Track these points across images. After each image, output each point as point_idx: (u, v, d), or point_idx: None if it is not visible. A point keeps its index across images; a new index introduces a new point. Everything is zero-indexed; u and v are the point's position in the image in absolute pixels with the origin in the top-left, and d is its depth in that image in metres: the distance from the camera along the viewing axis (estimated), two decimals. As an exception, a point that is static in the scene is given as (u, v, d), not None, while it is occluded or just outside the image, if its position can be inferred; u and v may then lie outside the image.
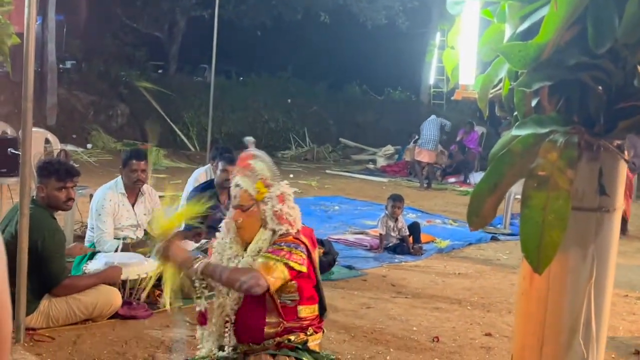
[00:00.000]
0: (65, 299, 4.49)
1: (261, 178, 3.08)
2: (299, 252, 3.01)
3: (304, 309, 3.10)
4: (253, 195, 3.06)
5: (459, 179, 15.17)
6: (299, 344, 3.08)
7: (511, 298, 6.13)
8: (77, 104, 15.67)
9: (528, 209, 1.43)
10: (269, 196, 3.07)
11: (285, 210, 3.07)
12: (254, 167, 3.09)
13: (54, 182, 4.44)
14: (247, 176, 3.09)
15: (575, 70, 1.48)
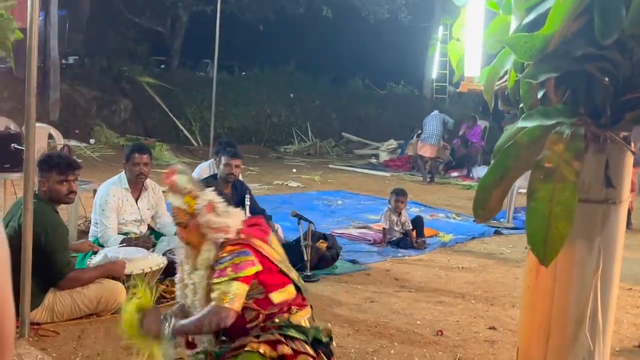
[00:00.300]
0: (70, 293, 4.50)
1: (188, 192, 3.09)
2: (243, 258, 3.04)
3: (276, 295, 3.14)
4: (186, 210, 3.10)
5: (461, 173, 15.16)
6: (283, 322, 3.12)
7: (515, 292, 6.12)
8: (79, 100, 15.66)
9: (534, 202, 1.43)
10: (198, 208, 3.08)
11: (213, 220, 3.08)
12: (178, 183, 3.09)
13: (55, 175, 4.45)
14: (176, 193, 3.12)
15: (581, 62, 1.47)
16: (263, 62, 21.25)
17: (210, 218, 3.07)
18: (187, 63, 21.14)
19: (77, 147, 12.93)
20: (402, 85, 23.70)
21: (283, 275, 3.23)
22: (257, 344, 3.01)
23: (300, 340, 3.09)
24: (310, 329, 3.19)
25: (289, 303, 3.19)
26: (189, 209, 3.09)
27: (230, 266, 3.01)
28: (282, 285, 3.20)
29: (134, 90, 16.76)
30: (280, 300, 3.15)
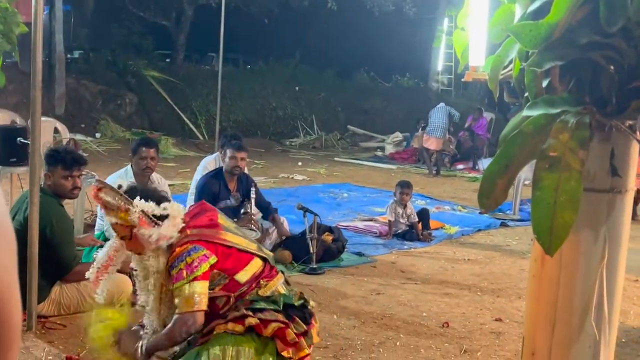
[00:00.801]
0: (76, 286, 4.51)
1: (118, 207, 2.96)
2: (195, 255, 2.98)
3: (242, 275, 3.11)
4: (123, 224, 3.00)
5: (467, 165, 15.14)
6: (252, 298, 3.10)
7: (521, 283, 6.12)
8: (85, 94, 15.68)
9: (539, 191, 1.42)
10: (132, 220, 2.97)
11: (148, 232, 2.97)
12: (106, 200, 2.96)
13: (60, 170, 4.45)
14: (108, 210, 3.00)
15: (587, 50, 1.46)
16: (268, 55, 21.22)
17: (145, 231, 2.96)
18: (192, 57, 21.13)
19: (82, 141, 12.95)
20: (408, 78, 23.64)
21: (244, 253, 3.17)
22: (223, 324, 3.01)
23: (270, 309, 3.06)
24: (280, 296, 3.15)
25: (257, 277, 3.15)
26: (126, 223, 2.98)
27: (184, 268, 2.95)
28: (246, 263, 3.15)
29: (139, 84, 16.77)
30: (248, 278, 3.12)
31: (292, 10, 20.73)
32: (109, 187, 2.99)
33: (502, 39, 1.75)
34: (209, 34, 16.99)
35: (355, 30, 23.34)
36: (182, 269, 2.95)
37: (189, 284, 2.93)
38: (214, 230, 3.13)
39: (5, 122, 7.66)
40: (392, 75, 23.67)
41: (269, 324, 3.01)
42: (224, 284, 3.07)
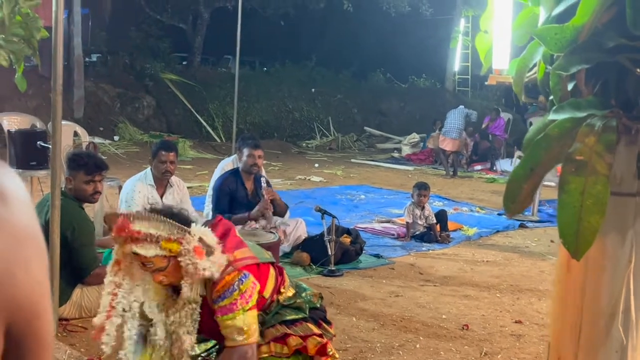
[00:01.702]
0: (97, 288, 4.53)
1: (163, 238, 2.66)
2: (247, 283, 2.80)
3: (267, 290, 3.02)
4: (165, 254, 2.68)
5: (485, 166, 15.07)
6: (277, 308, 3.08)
7: (541, 285, 6.09)
8: (103, 97, 15.79)
9: (566, 194, 1.41)
10: (183, 250, 2.67)
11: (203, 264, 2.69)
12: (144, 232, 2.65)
13: (82, 175, 4.49)
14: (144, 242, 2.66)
15: (613, 53, 1.45)
16: (284, 58, 21.25)
17: (201, 262, 2.67)
18: (209, 59, 21.19)
19: (101, 144, 13.04)
20: (424, 79, 23.58)
21: (263, 265, 3.02)
22: (266, 346, 2.94)
23: (299, 319, 3.02)
24: (303, 303, 3.12)
25: (276, 286, 3.11)
26: (169, 254, 2.68)
27: (239, 298, 2.74)
28: (267, 276, 3.03)
29: (156, 87, 16.86)
30: (270, 291, 3.07)
31: (308, 13, 20.75)
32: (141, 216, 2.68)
33: (525, 42, 1.75)
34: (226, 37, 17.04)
35: (372, 32, 23.32)
36: (237, 299, 2.74)
37: (244, 314, 2.74)
38: (245, 250, 2.95)
39: (26, 126, 7.74)
40: (409, 76, 23.61)
41: (307, 339, 2.99)
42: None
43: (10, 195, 0.81)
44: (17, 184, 0.84)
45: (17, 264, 0.80)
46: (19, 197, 0.83)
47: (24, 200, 0.84)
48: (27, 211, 0.83)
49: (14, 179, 0.84)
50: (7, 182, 0.82)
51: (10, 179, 0.83)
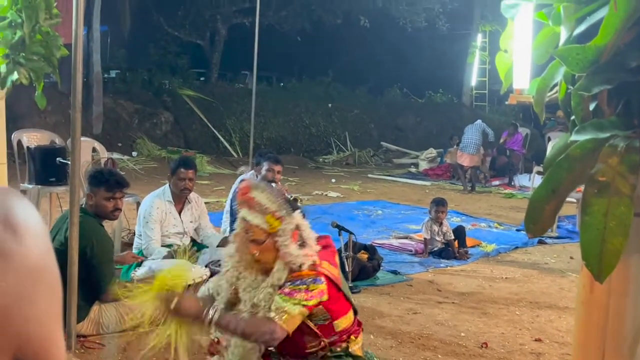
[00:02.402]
0: (115, 305, 4.54)
1: (270, 212, 2.87)
2: (317, 286, 2.89)
3: (340, 322, 3.04)
4: (265, 229, 2.87)
5: (503, 181, 14.98)
6: (341, 352, 3.06)
7: (560, 302, 6.02)
8: (122, 113, 15.92)
9: (589, 216, 1.39)
10: (282, 229, 2.88)
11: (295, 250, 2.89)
12: (258, 201, 2.88)
13: (103, 191, 4.52)
14: (254, 209, 2.89)
15: (636, 73, 1.43)
16: (301, 73, 21.35)
17: (292, 247, 2.88)
18: (226, 75, 21.33)
19: (120, 160, 13.12)
20: (441, 94, 23.55)
21: (346, 301, 3.10)
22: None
23: None
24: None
25: (349, 331, 3.11)
26: (269, 229, 2.87)
27: (303, 291, 2.84)
28: (345, 312, 3.08)
29: (174, 103, 16.98)
30: (342, 328, 3.06)
31: (325, 28, 20.83)
32: (263, 189, 2.93)
33: (545, 61, 1.73)
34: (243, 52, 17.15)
35: (388, 47, 23.36)
36: (301, 291, 2.84)
37: (295, 305, 2.81)
38: (336, 270, 3.06)
39: (45, 142, 7.80)
40: (425, 91, 23.60)
41: None
42: (322, 325, 2.99)
43: (22, 227, 0.80)
44: (30, 214, 0.83)
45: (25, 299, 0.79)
46: (31, 229, 0.82)
47: (37, 231, 0.82)
48: (39, 244, 0.82)
49: (28, 208, 0.83)
50: (20, 213, 0.81)
51: (24, 209, 0.82)
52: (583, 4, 1.44)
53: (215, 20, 19.02)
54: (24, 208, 0.83)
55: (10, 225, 0.79)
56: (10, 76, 3.80)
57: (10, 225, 0.79)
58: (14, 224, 0.80)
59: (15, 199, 0.83)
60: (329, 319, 2.98)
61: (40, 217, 0.85)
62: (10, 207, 0.81)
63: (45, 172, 7.25)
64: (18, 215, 0.81)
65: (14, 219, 0.80)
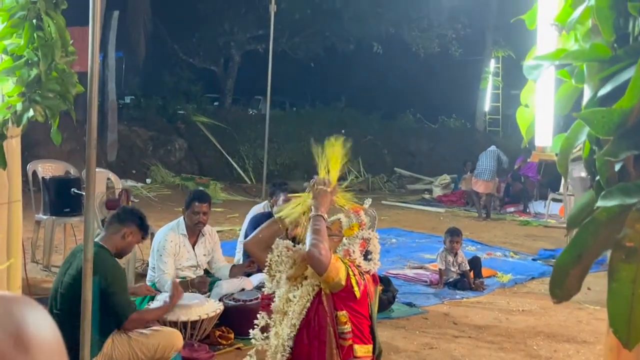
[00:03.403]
0: (128, 340, 4.51)
1: (361, 222, 3.27)
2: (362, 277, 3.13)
3: (359, 348, 3.10)
4: (343, 229, 3.26)
5: (518, 208, 14.85)
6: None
7: (578, 336, 5.94)
8: (136, 140, 16.00)
9: (616, 282, 1.35)
10: (356, 235, 3.23)
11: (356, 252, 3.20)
12: (360, 214, 3.29)
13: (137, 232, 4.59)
14: (350, 216, 3.30)
15: (664, 138, 1.40)
16: (314, 99, 21.42)
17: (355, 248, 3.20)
18: (240, 101, 21.44)
19: (134, 187, 13.15)
20: (454, 119, 23.51)
21: (370, 333, 3.22)
22: None
23: None
24: None
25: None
26: (347, 232, 3.24)
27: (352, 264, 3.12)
28: (367, 341, 3.18)
29: (188, 130, 17.04)
30: (361, 356, 3.11)
31: (338, 54, 20.94)
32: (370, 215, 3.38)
33: (568, 111, 1.71)
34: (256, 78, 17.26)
35: (401, 73, 23.40)
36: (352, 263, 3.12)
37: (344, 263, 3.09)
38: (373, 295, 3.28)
39: (59, 172, 7.85)
40: (439, 117, 23.58)
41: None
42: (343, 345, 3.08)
43: (33, 344, 0.77)
44: (44, 328, 0.80)
45: None
46: (44, 346, 0.78)
47: (50, 348, 0.79)
48: (51, 358, 0.79)
49: (42, 320, 0.80)
50: (31, 327, 0.78)
51: (37, 321, 0.79)
52: (607, 64, 1.42)
53: (229, 47, 19.16)
54: (37, 320, 0.79)
55: (21, 342, 0.76)
56: (26, 114, 3.79)
57: (22, 342, 0.76)
58: (26, 340, 0.76)
59: (28, 310, 0.80)
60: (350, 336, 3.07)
61: (55, 328, 0.82)
62: (22, 320, 0.78)
63: (59, 202, 7.28)
64: (30, 331, 0.77)
65: (26, 335, 0.77)
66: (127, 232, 4.55)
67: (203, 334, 5.13)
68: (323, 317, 3.05)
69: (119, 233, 4.55)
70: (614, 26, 1.41)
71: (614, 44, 1.44)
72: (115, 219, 4.65)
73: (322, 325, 3.03)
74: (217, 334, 5.22)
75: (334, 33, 19.58)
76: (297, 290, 3.14)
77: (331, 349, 3.01)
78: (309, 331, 3.06)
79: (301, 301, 3.09)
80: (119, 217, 4.65)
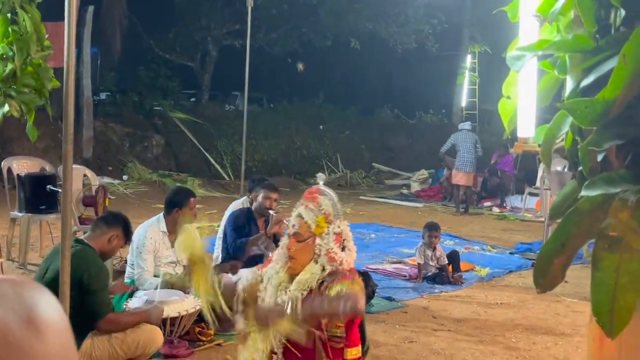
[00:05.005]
0: (108, 338, 4.47)
1: (324, 213, 3.05)
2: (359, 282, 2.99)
3: (350, 352, 3.03)
4: (312, 228, 3.03)
5: (494, 202, 14.95)
6: None
7: (556, 329, 5.99)
8: (112, 136, 15.85)
9: (599, 272, 1.36)
10: (327, 232, 3.03)
11: (337, 252, 3.01)
12: (319, 202, 3.07)
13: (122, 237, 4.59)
14: (311, 209, 3.07)
15: (647, 127, 1.41)
16: (292, 95, 21.37)
17: (335, 248, 3.02)
18: (217, 96, 21.31)
19: (110, 184, 13.05)
20: (431, 114, 23.59)
21: (358, 333, 3.13)
22: None
23: None
24: None
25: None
26: (316, 229, 3.03)
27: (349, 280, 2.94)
28: (357, 342, 3.10)
29: (165, 126, 16.91)
30: (350, 358, 3.04)
31: (315, 50, 20.89)
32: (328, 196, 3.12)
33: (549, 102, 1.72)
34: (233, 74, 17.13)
35: (378, 68, 23.44)
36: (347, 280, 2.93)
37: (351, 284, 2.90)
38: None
39: (35, 169, 7.76)
40: (416, 112, 23.65)
41: None
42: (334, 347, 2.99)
43: (44, 326, 0.79)
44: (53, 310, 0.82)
45: None
46: (53, 327, 0.80)
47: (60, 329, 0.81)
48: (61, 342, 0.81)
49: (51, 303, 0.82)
50: (42, 310, 0.80)
51: (46, 304, 0.81)
52: (589, 55, 1.42)
53: (206, 43, 19.03)
54: (47, 303, 0.81)
55: (33, 324, 0.78)
56: (0, 109, 3.75)
57: (34, 324, 0.78)
58: (38, 322, 0.78)
59: (37, 293, 0.82)
60: (342, 339, 2.99)
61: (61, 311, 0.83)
62: (33, 303, 0.80)
63: (35, 199, 7.20)
64: (40, 311, 0.79)
65: (37, 316, 0.79)
66: (113, 235, 4.53)
67: (183, 330, 5.10)
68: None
69: (105, 236, 4.51)
70: (595, 17, 1.42)
71: (596, 34, 1.45)
72: (103, 222, 4.62)
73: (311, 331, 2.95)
74: (197, 330, 5.19)
75: (311, 29, 19.52)
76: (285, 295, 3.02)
77: (320, 353, 2.97)
78: None
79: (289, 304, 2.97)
80: (107, 221, 4.62)
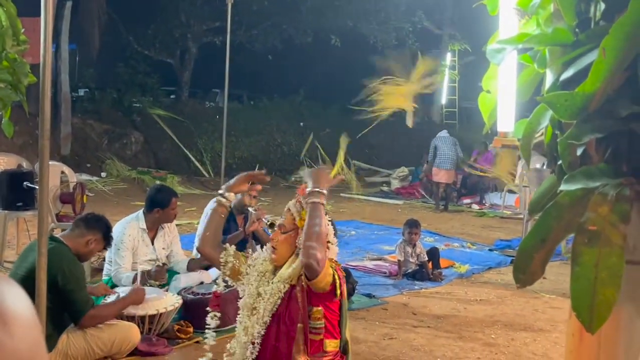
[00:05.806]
0: (84, 336, 4.43)
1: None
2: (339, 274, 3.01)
3: (329, 343, 3.04)
4: (296, 221, 3.09)
5: (474, 199, 15.04)
6: None
7: (535, 324, 6.03)
8: (91, 133, 15.70)
9: (579, 267, 1.36)
10: None
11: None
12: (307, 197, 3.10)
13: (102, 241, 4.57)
14: (299, 203, 3.14)
15: (627, 121, 1.40)
16: (272, 92, 21.28)
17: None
18: (197, 93, 21.19)
19: (88, 181, 12.93)
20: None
21: (339, 327, 3.13)
22: None
23: None
24: None
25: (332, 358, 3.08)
26: (299, 222, 3.08)
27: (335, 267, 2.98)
28: (336, 336, 3.10)
29: (144, 123, 16.79)
30: (329, 350, 3.05)
31: (295, 47, 20.84)
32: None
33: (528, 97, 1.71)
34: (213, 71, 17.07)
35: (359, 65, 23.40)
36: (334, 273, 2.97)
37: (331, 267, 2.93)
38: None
39: (12, 166, 7.66)
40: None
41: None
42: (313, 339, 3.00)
43: (11, 318, 0.77)
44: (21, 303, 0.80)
45: None
46: (21, 320, 0.79)
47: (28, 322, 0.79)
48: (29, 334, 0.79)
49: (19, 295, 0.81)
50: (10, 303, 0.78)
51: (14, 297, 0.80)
52: (569, 48, 1.42)
53: (186, 39, 18.91)
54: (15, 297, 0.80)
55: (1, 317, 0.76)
56: (-24, 104, 3.68)
57: (2, 317, 0.76)
58: (5, 315, 0.77)
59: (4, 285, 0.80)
60: (321, 331, 2.99)
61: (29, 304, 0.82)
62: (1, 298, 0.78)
63: (12, 196, 7.10)
64: (8, 304, 0.78)
65: (4, 310, 0.77)
66: (92, 239, 4.48)
67: (161, 328, 5.06)
68: (295, 313, 2.96)
69: (83, 238, 4.47)
70: (575, 10, 1.41)
71: (575, 28, 1.45)
72: (83, 223, 4.56)
73: (293, 320, 2.96)
74: (176, 327, 5.15)
75: (291, 25, 19.48)
76: (267, 285, 3.06)
77: (298, 345, 2.97)
78: (279, 327, 2.99)
79: (272, 298, 3.01)
80: (87, 223, 4.56)
